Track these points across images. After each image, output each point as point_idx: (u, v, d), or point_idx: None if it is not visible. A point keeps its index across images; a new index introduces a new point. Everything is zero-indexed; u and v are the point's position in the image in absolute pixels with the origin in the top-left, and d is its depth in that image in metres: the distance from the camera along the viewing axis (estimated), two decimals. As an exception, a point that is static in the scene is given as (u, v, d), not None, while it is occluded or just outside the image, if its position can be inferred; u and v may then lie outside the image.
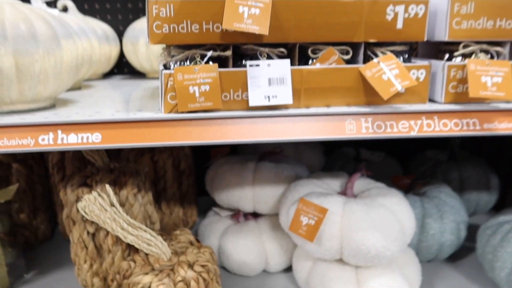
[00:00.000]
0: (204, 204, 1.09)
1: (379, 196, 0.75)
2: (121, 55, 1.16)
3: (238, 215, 0.89)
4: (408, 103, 0.60)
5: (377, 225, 0.68)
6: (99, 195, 0.68)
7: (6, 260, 0.84)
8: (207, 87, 0.55)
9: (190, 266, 0.70)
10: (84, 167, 0.95)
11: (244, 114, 0.56)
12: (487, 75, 0.57)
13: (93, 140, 0.55)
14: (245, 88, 0.56)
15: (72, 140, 0.55)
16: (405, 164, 1.23)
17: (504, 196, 1.11)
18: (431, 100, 0.63)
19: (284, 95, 0.56)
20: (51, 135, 0.55)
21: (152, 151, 0.95)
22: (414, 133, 0.58)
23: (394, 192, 0.77)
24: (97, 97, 0.78)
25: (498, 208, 1.11)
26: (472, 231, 0.89)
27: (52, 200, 1.03)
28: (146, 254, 0.73)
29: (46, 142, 0.55)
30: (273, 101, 0.56)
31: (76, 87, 0.91)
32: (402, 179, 0.98)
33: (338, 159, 1.17)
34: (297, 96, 0.58)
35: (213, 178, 0.90)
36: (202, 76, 0.55)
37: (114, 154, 1.01)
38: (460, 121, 0.59)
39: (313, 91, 0.58)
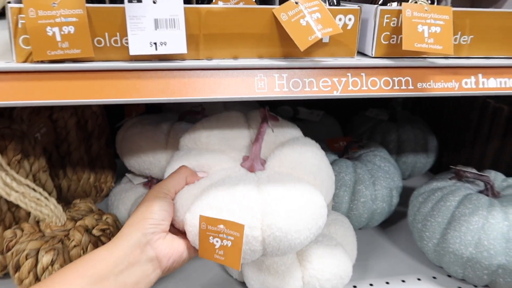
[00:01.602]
0: (125, 168, 0.97)
1: (295, 166, 0.58)
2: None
3: (151, 182, 0.78)
4: (333, 56, 0.50)
5: (302, 214, 0.52)
6: None
7: None
8: (72, 28, 0.42)
9: (88, 230, 0.60)
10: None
11: (123, 66, 0.44)
12: (424, 24, 0.48)
13: None
14: (125, 32, 0.43)
15: None
16: (345, 124, 1.16)
17: (441, 158, 1.08)
18: (361, 53, 0.53)
19: (175, 41, 0.44)
20: None
21: (50, 109, 0.80)
22: (337, 93, 0.49)
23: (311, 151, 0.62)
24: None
25: (435, 170, 1.09)
26: (407, 194, 0.84)
27: None
28: (37, 222, 0.61)
29: None
30: (161, 50, 0.44)
31: None
32: (337, 141, 0.91)
33: (274, 119, 1.08)
34: (194, 44, 0.46)
35: (121, 140, 0.78)
36: (64, 13, 0.41)
37: (8, 113, 0.85)
38: (391, 79, 0.50)
39: (215, 38, 0.46)
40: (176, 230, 0.56)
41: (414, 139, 1.02)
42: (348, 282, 0.67)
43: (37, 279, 0.56)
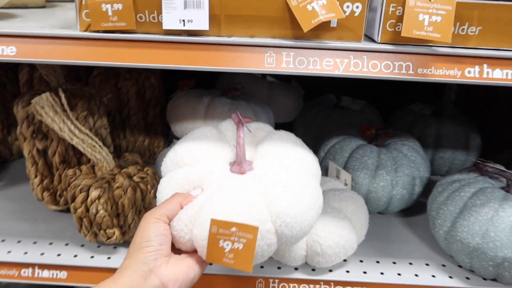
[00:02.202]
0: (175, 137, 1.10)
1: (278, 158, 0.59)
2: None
3: (191, 148, 0.89)
4: (341, 40, 0.56)
5: (303, 196, 0.54)
6: (52, 97, 0.69)
7: (-28, 168, 0.89)
8: (120, 6, 0.53)
9: (130, 176, 0.73)
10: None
11: (158, 38, 0.54)
12: (426, 13, 0.51)
13: (8, 53, 0.55)
14: (160, 10, 0.53)
15: (-12, 51, 0.55)
16: (389, 116, 1.18)
17: (485, 157, 1.05)
18: (371, 39, 0.58)
19: (200, 20, 0.53)
20: (-33, 44, 0.55)
21: (116, 78, 0.95)
22: (338, 72, 0.54)
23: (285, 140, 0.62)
24: (49, 14, 0.77)
25: (474, 169, 1.06)
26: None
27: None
28: (93, 167, 0.75)
29: (-38, 51, 0.55)
30: (188, 26, 0.53)
31: (40, 5, 0.89)
32: (370, 129, 0.95)
33: (316, 105, 1.14)
34: (216, 23, 0.54)
35: (170, 109, 0.90)
36: (115, -7, 0.52)
37: (85, 79, 1.02)
38: (391, 63, 0.54)
39: (234, 19, 0.54)
40: (180, 251, 0.55)
41: (454, 135, 1.01)
42: (352, 254, 0.72)
43: (87, 210, 0.69)
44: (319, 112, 1.10)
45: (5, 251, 0.74)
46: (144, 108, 1.00)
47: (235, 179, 0.56)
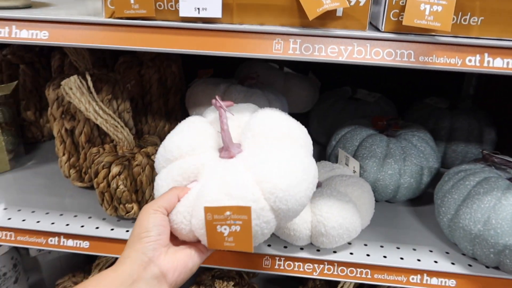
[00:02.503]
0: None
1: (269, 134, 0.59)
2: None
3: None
4: (346, 28, 0.58)
5: (294, 168, 0.55)
6: (79, 79, 0.75)
7: (7, 146, 0.97)
8: (141, -6, 0.57)
9: (149, 156, 0.78)
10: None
11: (175, 25, 0.58)
12: (427, 3, 0.54)
13: (41, 37, 0.61)
14: (178, -1, 0.58)
15: (24, 35, 0.61)
16: (404, 109, 1.19)
17: (502, 152, 1.05)
18: (376, 28, 0.61)
19: (214, 8, 0.57)
20: (6, 29, 0.61)
21: (139, 66, 1.01)
22: (342, 59, 0.57)
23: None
24: (80, 4, 0.83)
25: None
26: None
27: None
28: (115, 146, 0.81)
29: (3, 35, 0.62)
30: (202, 14, 0.57)
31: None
32: (382, 119, 0.97)
33: (332, 97, 1.16)
34: (229, 11, 0.58)
35: (189, 96, 0.95)
36: (137, -17, 0.57)
37: (111, 65, 1.08)
38: (393, 51, 0.57)
39: (245, 8, 0.58)
40: (179, 242, 0.57)
41: (468, 129, 1.02)
42: (356, 237, 0.75)
43: (108, 185, 0.75)
44: (334, 103, 1.13)
45: (35, 221, 0.81)
46: (165, 95, 1.05)
47: (224, 164, 0.57)
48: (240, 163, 0.56)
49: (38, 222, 0.81)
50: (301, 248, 0.77)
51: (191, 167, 0.58)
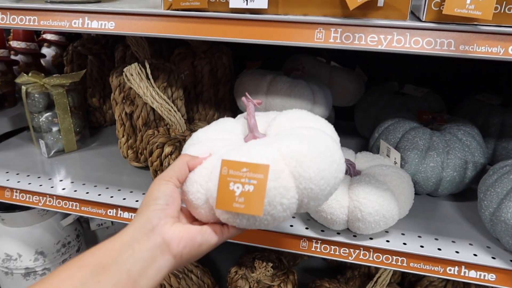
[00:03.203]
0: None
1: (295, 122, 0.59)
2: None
3: (253, 121, 0.99)
4: (387, 18, 0.60)
5: (316, 139, 0.53)
6: (139, 67, 0.83)
7: (75, 129, 1.08)
8: (202, -12, 0.63)
9: None
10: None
11: (225, 15, 0.64)
12: (469, -8, 0.54)
13: (109, 27, 0.69)
14: (227, -9, 0.63)
15: (94, 26, 0.70)
16: (453, 105, 1.17)
17: (556, 152, 1.01)
18: (417, 18, 0.62)
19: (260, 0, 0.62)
20: (80, 20, 0.70)
21: (193, 57, 1.08)
22: (381, 47, 0.60)
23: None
24: None
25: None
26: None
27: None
28: (168, 129, 0.89)
29: (77, 25, 0.70)
30: (250, 5, 0.62)
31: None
32: (427, 114, 0.96)
33: (377, 91, 1.17)
34: (274, 2, 0.62)
35: (237, 85, 1.00)
36: (191, -23, 0.63)
37: (167, 56, 1.16)
38: (433, 40, 0.58)
39: (290, -1, 0.62)
40: (193, 220, 0.55)
41: (520, 126, 0.99)
42: (392, 225, 0.76)
43: (161, 163, 0.82)
44: (380, 97, 1.13)
45: (96, 194, 0.90)
46: (216, 85, 1.12)
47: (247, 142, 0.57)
48: (263, 140, 0.55)
49: (99, 195, 0.90)
50: (338, 233, 0.79)
51: (211, 145, 0.57)
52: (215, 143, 0.57)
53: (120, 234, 0.48)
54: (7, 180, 0.95)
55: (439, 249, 0.75)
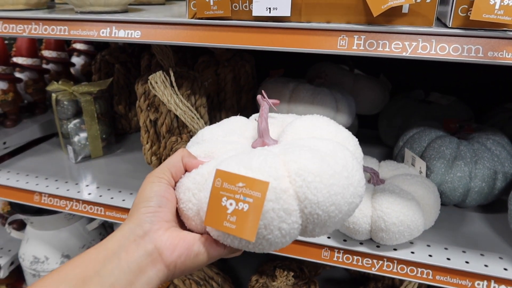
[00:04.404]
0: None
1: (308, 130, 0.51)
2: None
3: (275, 128, 0.99)
4: (412, 25, 0.60)
5: (330, 157, 0.44)
6: (164, 75, 0.85)
7: (101, 135, 1.11)
8: (219, -3, 0.64)
9: None
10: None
11: (248, 24, 0.64)
12: (498, -2, 0.53)
13: (135, 36, 0.71)
14: (251, 0, 0.64)
15: (121, 35, 0.72)
16: (482, 114, 1.14)
17: None
18: (444, 24, 0.61)
19: (283, 7, 0.62)
20: (108, 29, 0.72)
21: (216, 66, 1.09)
22: (406, 54, 0.59)
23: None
24: (168, 9, 0.94)
25: None
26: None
27: (144, 99, 1.27)
28: (191, 136, 0.90)
29: (105, 34, 0.73)
30: (273, 13, 0.62)
31: (161, 3, 1.07)
32: (454, 122, 0.94)
33: (402, 98, 1.15)
34: (297, 10, 0.63)
35: (260, 92, 1.01)
36: (216, -13, 0.64)
37: (191, 65, 1.18)
38: (460, 46, 0.57)
39: (313, 6, 0.62)
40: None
41: (554, 135, 0.95)
42: (417, 235, 0.74)
43: (184, 170, 0.83)
44: (405, 105, 1.12)
45: (121, 199, 0.92)
46: (239, 93, 1.12)
47: (254, 149, 0.48)
48: (270, 149, 0.46)
49: (123, 200, 0.92)
50: (361, 243, 0.78)
51: (215, 146, 0.50)
52: (219, 146, 0.50)
53: (106, 240, 0.42)
54: (37, 184, 0.98)
55: (467, 262, 0.73)
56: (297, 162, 0.42)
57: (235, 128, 0.55)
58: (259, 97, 0.55)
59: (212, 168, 0.46)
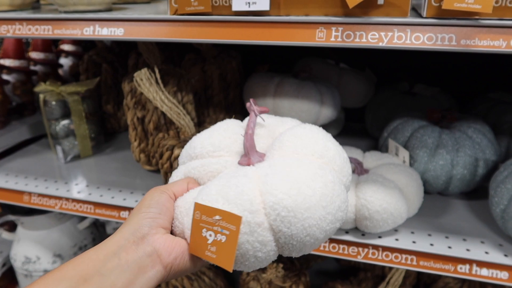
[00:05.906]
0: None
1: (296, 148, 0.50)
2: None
3: (262, 123, 1.00)
4: (388, 16, 0.61)
5: (309, 188, 0.44)
6: (149, 72, 0.86)
7: (90, 134, 1.11)
8: (199, -7, 0.65)
9: None
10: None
11: (229, 19, 0.65)
12: (468, -13, 0.55)
13: (118, 33, 0.72)
14: (231, -5, 0.65)
15: (104, 32, 0.72)
16: (465, 104, 1.16)
17: None
18: (419, 14, 0.62)
19: (262, 1, 0.63)
20: (91, 27, 0.73)
21: (203, 62, 1.10)
22: (382, 44, 0.60)
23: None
24: (152, 7, 0.94)
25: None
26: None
27: (133, 98, 1.28)
28: (178, 133, 0.91)
29: (88, 32, 0.73)
30: (252, 7, 0.64)
31: (146, 1, 1.08)
32: (437, 112, 0.96)
33: (387, 91, 1.17)
34: (276, 4, 0.64)
35: (245, 88, 1.02)
36: (196, -17, 0.65)
37: (178, 62, 1.19)
38: (434, 35, 0.58)
39: (291, 0, 0.63)
40: None
41: (534, 123, 0.97)
42: (401, 223, 0.76)
43: (171, 165, 0.84)
44: (390, 97, 1.13)
45: (110, 196, 0.93)
46: (226, 89, 1.13)
47: (238, 169, 0.50)
48: (252, 171, 0.48)
49: (112, 197, 0.92)
50: (346, 232, 0.79)
51: (208, 168, 0.52)
52: (211, 165, 0.52)
53: (105, 242, 0.44)
54: (26, 184, 0.99)
55: (450, 247, 0.74)
56: (273, 195, 0.43)
57: (225, 142, 0.55)
58: (248, 105, 0.56)
59: (196, 194, 0.48)
